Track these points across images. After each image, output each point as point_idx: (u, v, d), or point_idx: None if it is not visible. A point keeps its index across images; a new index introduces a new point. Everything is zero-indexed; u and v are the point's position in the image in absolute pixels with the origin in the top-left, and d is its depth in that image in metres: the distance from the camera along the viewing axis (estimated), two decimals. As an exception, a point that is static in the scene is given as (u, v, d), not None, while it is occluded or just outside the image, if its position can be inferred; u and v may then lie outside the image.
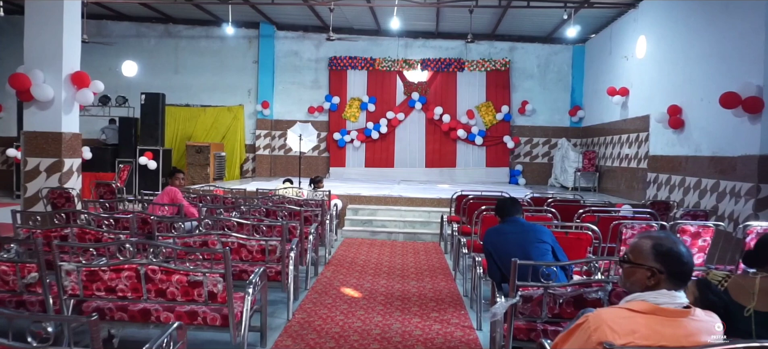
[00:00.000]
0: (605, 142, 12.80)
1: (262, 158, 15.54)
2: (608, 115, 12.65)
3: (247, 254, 4.84)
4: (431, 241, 9.48)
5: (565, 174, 13.58)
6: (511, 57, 15.10)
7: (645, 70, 10.60)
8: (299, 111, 15.46)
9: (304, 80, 15.52)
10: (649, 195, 10.02)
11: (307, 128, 9.94)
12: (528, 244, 3.68)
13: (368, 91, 15.19)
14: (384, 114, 15.02)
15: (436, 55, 15.15)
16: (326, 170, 15.41)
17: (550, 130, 15.13)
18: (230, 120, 15.66)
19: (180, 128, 15.69)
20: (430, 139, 15.13)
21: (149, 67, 15.57)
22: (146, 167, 13.28)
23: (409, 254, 8.37)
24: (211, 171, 13.69)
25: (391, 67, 15.11)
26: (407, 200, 10.54)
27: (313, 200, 8.30)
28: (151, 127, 13.58)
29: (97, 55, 15.79)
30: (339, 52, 15.29)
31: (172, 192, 6.41)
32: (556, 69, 15.12)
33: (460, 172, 15.07)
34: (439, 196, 10.66)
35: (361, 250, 8.57)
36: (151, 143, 13.52)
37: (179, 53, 15.85)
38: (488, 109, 15.00)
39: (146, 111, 13.60)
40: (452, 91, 15.09)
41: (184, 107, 15.80)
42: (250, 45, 15.68)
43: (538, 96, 15.13)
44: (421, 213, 10.16)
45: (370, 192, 10.92)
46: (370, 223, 9.91)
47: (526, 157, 15.22)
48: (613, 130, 12.33)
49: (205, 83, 15.69)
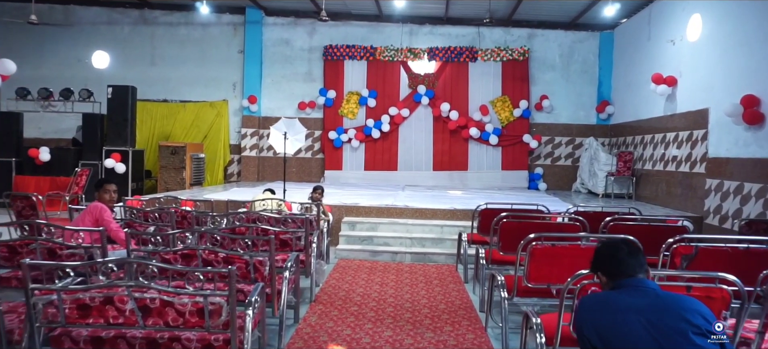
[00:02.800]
0: (643, 142, 11.03)
1: (249, 160, 13.78)
2: (646, 111, 10.88)
3: (177, 316, 3.07)
4: (445, 263, 7.72)
5: (595, 178, 11.81)
6: (530, 45, 13.34)
7: (701, 56, 8.83)
8: (290, 107, 13.71)
9: (295, 72, 13.77)
10: (709, 206, 8.25)
11: (293, 125, 8.20)
12: (670, 334, 1.91)
13: (368, 85, 13.44)
14: (386, 110, 13.26)
15: (445, 43, 13.38)
16: (321, 174, 13.65)
17: (574, 129, 13.36)
18: (213, 117, 13.93)
19: (156, 127, 13.97)
20: (439, 138, 13.37)
21: (122, 58, 13.84)
22: (113, 171, 11.53)
23: (419, 282, 6.60)
24: (187, 175, 11.93)
25: (394, 57, 13.36)
26: (415, 211, 8.77)
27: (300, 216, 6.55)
28: (119, 124, 11.83)
29: (63, 44, 14.10)
30: (335, 40, 13.54)
31: (97, 211, 4.64)
32: (581, 59, 13.35)
33: (472, 177, 13.31)
34: (452, 206, 8.89)
35: (359, 277, 6.81)
36: (120, 143, 11.78)
37: (156, 42, 14.12)
38: (504, 104, 13.23)
39: (114, 106, 11.85)
40: (463, 84, 13.33)
41: (161, 103, 14.08)
42: (235, 33, 13.94)
43: (560, 90, 13.37)
44: (433, 228, 8.40)
45: (370, 201, 9.16)
46: (370, 240, 8.15)
47: (546, 159, 13.45)
48: (653, 127, 10.56)
49: (185, 76, 13.96)
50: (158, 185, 12.08)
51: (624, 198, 11.35)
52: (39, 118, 13.69)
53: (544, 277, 4.10)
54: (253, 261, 4.13)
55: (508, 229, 5.32)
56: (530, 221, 5.44)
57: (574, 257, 4.04)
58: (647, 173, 10.76)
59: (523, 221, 5.36)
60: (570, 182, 13.27)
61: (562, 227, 5.18)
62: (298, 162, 13.78)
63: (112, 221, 4.65)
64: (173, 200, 8.24)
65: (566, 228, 5.18)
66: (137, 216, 6.01)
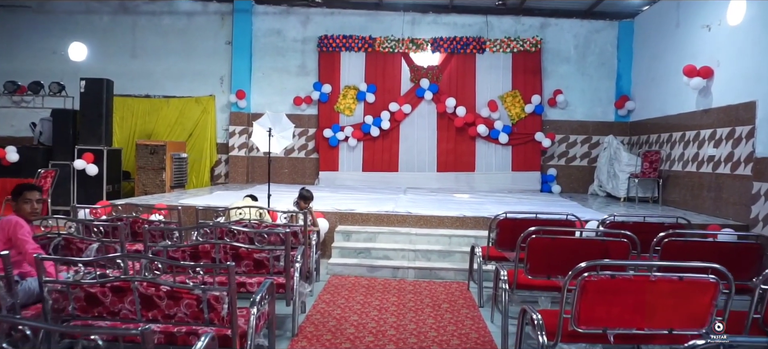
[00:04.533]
0: (671, 141, 9.96)
1: (237, 161, 12.70)
2: (675, 106, 9.81)
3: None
4: (455, 279, 6.65)
5: (615, 180, 10.73)
6: (543, 35, 12.26)
7: (745, 41, 7.76)
8: (282, 102, 12.63)
9: (288, 65, 12.70)
10: (758, 213, 7.18)
11: (280, 120, 7.13)
12: None
13: (366, 78, 12.36)
14: (386, 106, 12.19)
15: (450, 33, 12.31)
16: (315, 175, 12.58)
17: (590, 126, 12.28)
18: (199, 114, 12.86)
19: (138, 124, 12.90)
20: (443, 137, 12.29)
21: (101, 50, 12.79)
22: (85, 173, 10.46)
23: (426, 306, 5.53)
24: (167, 177, 10.85)
25: (395, 48, 12.29)
26: (418, 219, 7.70)
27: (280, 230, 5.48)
28: (92, 121, 10.75)
29: (37, 35, 13.04)
30: (330, 30, 12.47)
31: (11, 227, 3.57)
32: (598, 50, 12.28)
33: (480, 178, 12.23)
34: (461, 213, 7.82)
35: (354, 299, 5.74)
36: (93, 142, 10.70)
37: (137, 33, 13.05)
38: (515, 99, 12.16)
39: (87, 101, 10.77)
40: (470, 77, 12.26)
41: (142, 98, 13.01)
42: (222, 23, 12.87)
43: (575, 84, 12.29)
44: (439, 238, 7.33)
45: (368, 207, 8.09)
46: (368, 252, 7.07)
47: (560, 159, 12.37)
48: (683, 124, 9.50)
49: (169, 69, 12.89)
50: (136, 187, 11.01)
51: (648, 202, 10.28)
52: (12, 115, 12.65)
53: (600, 319, 3.04)
54: (206, 297, 3.07)
55: (539, 248, 4.25)
56: (566, 238, 4.38)
57: (641, 294, 2.98)
58: (676, 175, 9.69)
59: (558, 238, 4.28)
60: (586, 184, 12.20)
61: (609, 248, 4.11)
62: (290, 163, 12.72)
63: (30, 240, 3.58)
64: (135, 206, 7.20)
65: (614, 249, 4.11)
66: (85, 231, 4.94)
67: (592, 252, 4.17)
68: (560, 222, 5.39)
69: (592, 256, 4.11)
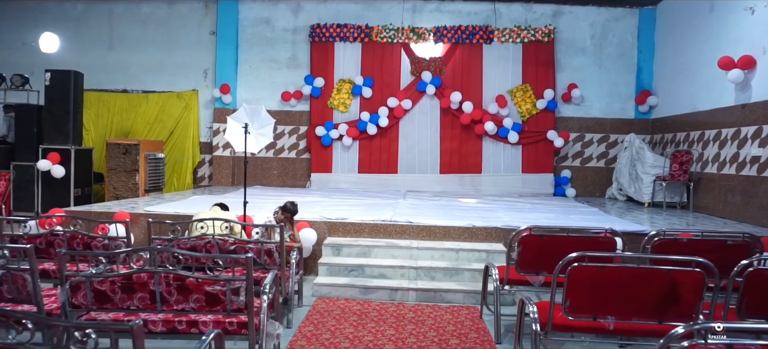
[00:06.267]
0: (702, 140, 8.90)
1: (222, 161, 11.65)
2: (708, 100, 8.76)
3: None
4: (464, 304, 5.59)
5: (638, 183, 9.68)
6: (556, 24, 11.20)
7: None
8: (271, 97, 11.59)
9: (277, 57, 11.65)
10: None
11: (258, 114, 6.07)
12: None
13: (363, 71, 11.30)
14: (384, 102, 11.13)
15: (455, 21, 11.25)
16: (307, 177, 11.52)
17: (608, 124, 11.22)
18: (180, 110, 11.83)
19: (114, 121, 11.87)
20: (447, 135, 11.23)
21: (75, 41, 11.80)
22: (50, 174, 9.42)
23: (431, 342, 4.47)
24: (141, 180, 9.80)
25: (394, 38, 11.23)
26: (420, 229, 6.64)
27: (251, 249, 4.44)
28: (59, 118, 9.72)
29: (6, 25, 12.03)
30: (324, 19, 11.41)
31: None
32: (617, 41, 11.21)
33: (487, 181, 11.17)
34: (470, 222, 6.75)
35: (343, 330, 4.68)
36: (60, 141, 9.68)
37: (114, 23, 12.02)
38: (526, 94, 11.10)
39: (53, 96, 9.74)
40: (476, 70, 11.20)
41: (120, 94, 11.98)
42: (206, 11, 11.82)
43: (591, 77, 11.23)
44: (445, 253, 6.27)
45: (362, 215, 7.02)
46: (361, 270, 6.01)
47: (575, 160, 11.31)
48: (718, 121, 8.44)
49: (148, 62, 11.87)
50: (106, 191, 9.96)
51: (675, 208, 9.24)
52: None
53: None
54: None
55: (583, 279, 3.19)
56: (618, 267, 3.31)
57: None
58: (709, 178, 8.63)
59: (607, 267, 3.22)
60: (603, 187, 11.15)
61: (677, 281, 3.05)
62: (280, 164, 11.66)
63: None
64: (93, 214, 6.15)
65: (685, 283, 3.05)
66: None
67: (654, 285, 3.12)
68: (600, 241, 4.32)
69: (655, 291, 3.06)
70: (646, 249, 4.38)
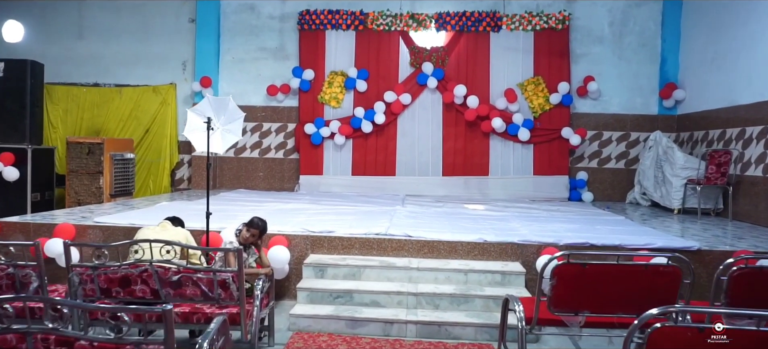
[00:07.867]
0: (742, 138, 7.84)
1: (202, 162, 10.53)
2: (748, 94, 7.72)
3: None
4: (475, 341, 4.52)
5: (665, 187, 8.60)
6: (571, 10, 10.12)
7: None
8: (256, 91, 10.53)
9: (263, 47, 10.58)
10: None
11: (224, 107, 5.00)
12: None
13: (357, 63, 10.22)
14: (380, 96, 10.04)
15: (459, 7, 10.17)
16: (295, 179, 10.44)
17: (629, 121, 10.14)
18: (157, 106, 10.79)
19: (85, 118, 10.84)
20: (450, 133, 10.15)
21: (42, 30, 10.79)
22: (1, 177, 8.35)
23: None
24: (106, 184, 8.71)
25: (391, 25, 10.15)
26: (422, 245, 5.56)
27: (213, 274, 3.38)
28: (13, 114, 8.68)
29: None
30: (313, 5, 10.33)
31: None
32: (638, 29, 10.13)
33: (494, 184, 10.09)
34: (481, 237, 5.66)
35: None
36: (15, 140, 8.64)
37: (84, 10, 10.98)
38: (538, 88, 10.02)
39: (7, 89, 8.70)
40: (483, 61, 10.12)
41: (91, 88, 10.95)
42: (185, -4, 10.77)
43: (610, 69, 10.15)
44: (452, 274, 5.19)
45: (352, 229, 5.92)
46: (350, 297, 4.92)
47: (591, 161, 10.24)
48: (763, 117, 7.36)
49: (122, 53, 10.84)
50: (67, 196, 8.88)
51: (710, 215, 8.16)
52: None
53: None
54: None
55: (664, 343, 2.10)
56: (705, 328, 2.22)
57: None
58: (752, 181, 7.56)
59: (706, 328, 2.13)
60: (623, 191, 10.07)
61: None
62: (266, 165, 10.60)
63: None
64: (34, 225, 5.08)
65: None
66: None
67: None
68: (661, 271, 3.23)
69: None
70: (720, 283, 3.29)
